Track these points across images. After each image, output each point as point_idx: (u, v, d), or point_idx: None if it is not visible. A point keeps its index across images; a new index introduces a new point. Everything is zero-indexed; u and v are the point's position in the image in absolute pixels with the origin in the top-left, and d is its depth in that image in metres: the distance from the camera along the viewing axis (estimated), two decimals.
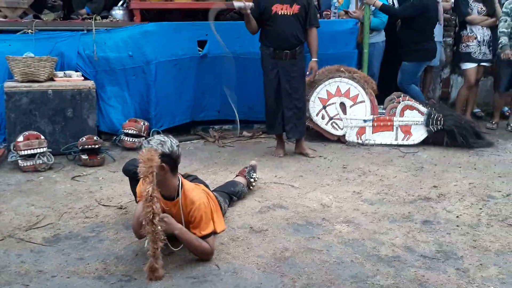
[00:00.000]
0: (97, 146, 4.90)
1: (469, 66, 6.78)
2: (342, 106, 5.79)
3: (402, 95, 5.89)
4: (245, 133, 6.17)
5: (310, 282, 2.84)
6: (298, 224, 3.60)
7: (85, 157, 4.87)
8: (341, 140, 5.83)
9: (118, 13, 6.22)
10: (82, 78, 5.44)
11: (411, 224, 3.64)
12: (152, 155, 2.74)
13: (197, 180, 3.53)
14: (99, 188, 4.31)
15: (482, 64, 6.83)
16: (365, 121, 5.76)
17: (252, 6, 4.97)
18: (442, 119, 5.64)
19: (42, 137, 4.82)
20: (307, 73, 5.29)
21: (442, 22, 6.93)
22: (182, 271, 2.93)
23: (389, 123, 5.74)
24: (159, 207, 2.74)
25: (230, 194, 3.86)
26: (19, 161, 4.66)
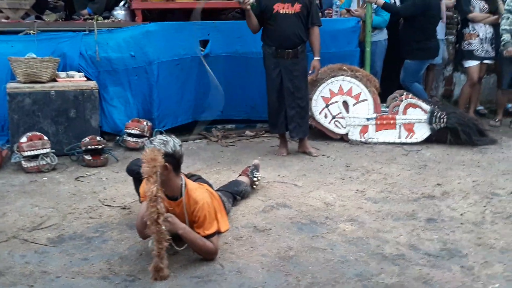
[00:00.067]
0: (100, 147, 4.90)
1: (471, 63, 6.77)
2: (345, 104, 5.78)
3: (405, 93, 5.87)
4: (248, 132, 6.17)
5: (314, 281, 2.83)
6: (301, 223, 3.60)
7: (88, 157, 4.87)
8: (344, 138, 5.82)
9: (119, 13, 6.23)
10: (85, 78, 5.45)
11: (415, 222, 3.63)
12: (155, 155, 2.74)
13: (200, 179, 3.53)
14: (103, 188, 4.31)
15: (485, 61, 6.82)
16: (368, 119, 5.75)
17: (252, 2, 4.95)
18: (445, 117, 5.62)
19: (45, 138, 4.82)
20: (310, 72, 5.28)
21: (444, 20, 6.92)
22: (186, 271, 2.93)
23: (392, 121, 5.73)
24: (163, 207, 2.74)
25: (234, 194, 3.85)
26: (23, 162, 4.67)
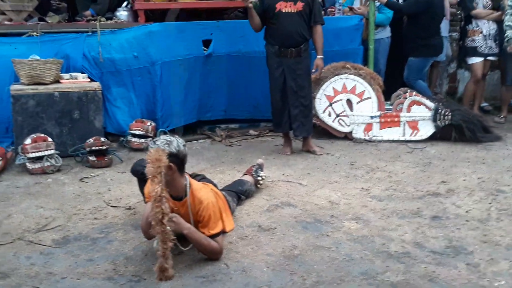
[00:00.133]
0: (104, 148, 4.91)
1: (475, 60, 6.75)
2: (349, 102, 5.77)
3: (409, 91, 5.85)
4: (251, 131, 6.17)
5: (319, 279, 2.83)
6: (306, 221, 3.59)
7: (92, 158, 4.88)
8: (348, 137, 5.81)
9: (122, 14, 6.23)
10: (88, 79, 5.45)
11: (420, 220, 3.62)
12: (160, 155, 2.74)
13: (205, 179, 3.53)
14: (107, 189, 4.31)
15: (489, 58, 6.79)
16: (372, 117, 5.73)
17: (255, 2, 4.94)
18: (450, 114, 5.60)
19: (50, 139, 4.83)
20: (313, 70, 5.27)
21: (448, 17, 6.90)
22: (191, 271, 2.93)
23: (396, 119, 5.71)
24: (168, 207, 2.74)
25: (238, 193, 3.85)
26: (27, 163, 4.68)
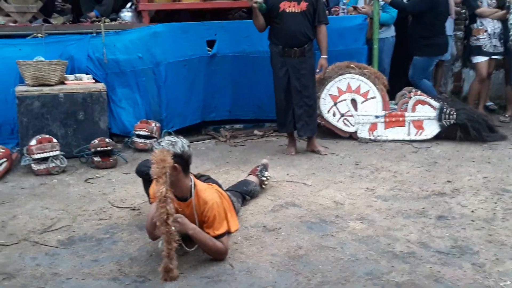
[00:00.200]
0: (109, 148, 4.92)
1: (480, 59, 6.72)
2: (353, 102, 5.76)
3: (414, 90, 5.84)
4: (256, 132, 6.16)
5: (324, 279, 2.82)
6: (311, 222, 3.59)
7: (97, 159, 4.89)
8: (353, 136, 5.80)
9: (126, 15, 6.25)
10: (93, 80, 5.46)
11: (426, 219, 3.61)
12: (165, 156, 2.74)
13: (210, 180, 3.53)
14: (112, 190, 4.32)
15: (494, 57, 6.76)
16: (376, 117, 5.72)
17: (261, 3, 4.93)
18: (455, 113, 5.58)
19: (55, 140, 4.84)
20: (317, 70, 5.27)
21: (453, 16, 6.88)
22: (196, 271, 2.93)
23: (401, 119, 5.70)
24: (173, 208, 2.74)
25: (243, 194, 3.85)
26: (32, 164, 4.69)
